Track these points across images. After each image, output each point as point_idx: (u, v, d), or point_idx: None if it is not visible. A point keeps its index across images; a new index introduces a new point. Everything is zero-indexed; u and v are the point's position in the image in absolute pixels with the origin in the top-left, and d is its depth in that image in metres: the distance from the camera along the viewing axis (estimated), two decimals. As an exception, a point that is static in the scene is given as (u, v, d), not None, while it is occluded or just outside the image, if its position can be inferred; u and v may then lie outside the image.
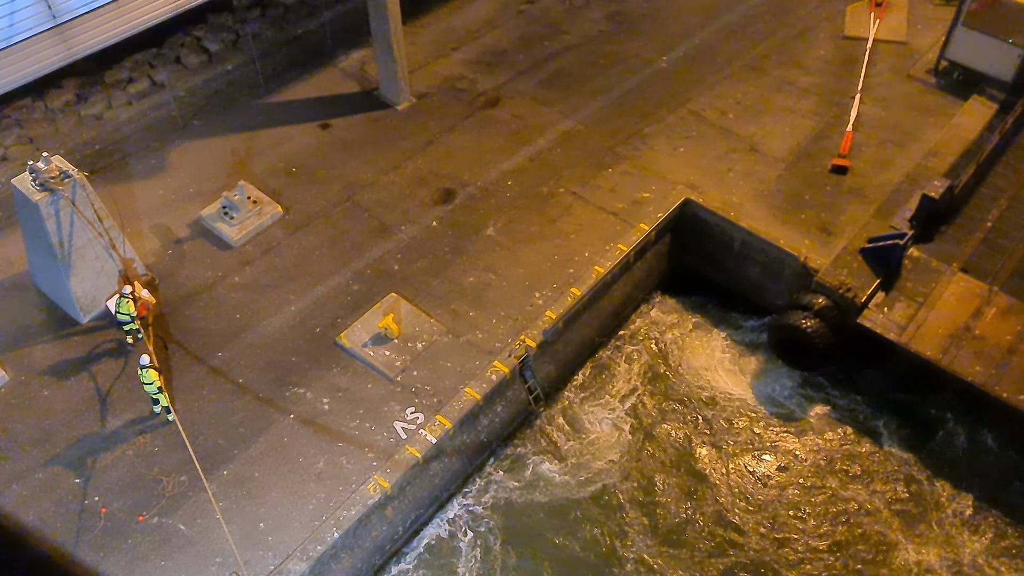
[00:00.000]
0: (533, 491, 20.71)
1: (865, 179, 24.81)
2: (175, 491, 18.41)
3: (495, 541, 19.92)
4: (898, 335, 21.19)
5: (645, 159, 25.53)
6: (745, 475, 21.17)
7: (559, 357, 22.36)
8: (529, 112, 27.15)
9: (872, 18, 30.05)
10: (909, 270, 22.37)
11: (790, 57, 29.09)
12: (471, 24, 30.71)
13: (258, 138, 26.25)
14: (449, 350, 20.98)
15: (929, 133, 26.06)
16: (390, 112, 27.16)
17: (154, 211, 24.00)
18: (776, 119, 26.78)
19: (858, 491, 20.78)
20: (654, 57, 29.23)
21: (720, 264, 24.63)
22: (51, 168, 19.10)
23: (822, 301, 21.81)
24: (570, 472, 21.05)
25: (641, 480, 21.02)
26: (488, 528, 20.10)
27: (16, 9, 18.60)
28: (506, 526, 20.17)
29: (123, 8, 20.24)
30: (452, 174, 25.17)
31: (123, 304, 19.55)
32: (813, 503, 20.64)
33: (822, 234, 23.36)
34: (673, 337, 23.84)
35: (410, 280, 22.41)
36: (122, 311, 19.65)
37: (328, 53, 29.27)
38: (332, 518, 18.04)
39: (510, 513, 20.39)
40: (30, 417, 19.60)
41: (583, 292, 22.07)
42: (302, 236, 23.44)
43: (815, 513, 20.47)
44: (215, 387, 20.17)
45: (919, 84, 27.78)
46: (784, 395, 22.60)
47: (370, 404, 19.98)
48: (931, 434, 21.65)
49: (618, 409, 22.29)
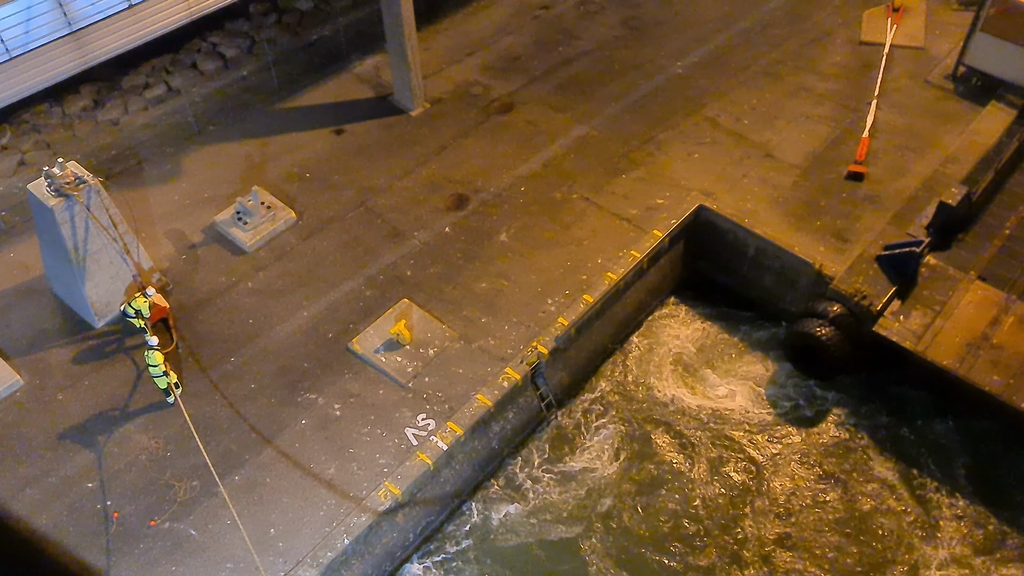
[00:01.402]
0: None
1: (881, 186, 24.60)
2: (187, 496, 18.46)
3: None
4: (914, 344, 20.97)
5: (659, 165, 25.43)
6: (754, 483, 21.02)
7: (572, 364, 22.29)
8: (543, 118, 27.12)
9: (889, 23, 29.81)
10: (925, 278, 22.15)
11: (806, 63, 28.91)
12: (486, 30, 30.72)
13: (272, 143, 26.34)
14: (461, 356, 20.95)
15: (946, 139, 25.82)
16: (404, 118, 27.19)
17: (169, 216, 24.13)
18: (791, 125, 26.61)
19: (872, 503, 20.59)
20: (669, 63, 29.12)
21: (734, 271, 24.48)
22: (66, 174, 19.23)
23: (837, 309, 21.62)
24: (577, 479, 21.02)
25: (640, 491, 20.92)
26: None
27: (32, 16, 18.76)
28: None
29: (138, 15, 20.36)
30: (465, 180, 25.16)
31: (137, 301, 19.40)
32: (827, 516, 20.47)
33: (837, 241, 23.18)
34: (686, 343, 23.70)
35: (423, 286, 22.41)
36: (134, 306, 19.45)
37: (343, 59, 29.36)
38: (343, 524, 18.03)
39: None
40: (44, 421, 19.71)
41: (596, 299, 21.98)
42: (315, 241, 23.49)
43: (830, 524, 20.32)
44: (227, 392, 20.22)
45: (937, 90, 27.54)
46: (798, 404, 22.40)
47: (382, 410, 19.97)
48: (947, 444, 21.41)
49: (627, 414, 22.20)
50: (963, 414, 21.43)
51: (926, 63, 28.52)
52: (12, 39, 18.84)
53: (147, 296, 19.49)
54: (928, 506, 20.43)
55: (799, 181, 24.89)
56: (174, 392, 19.44)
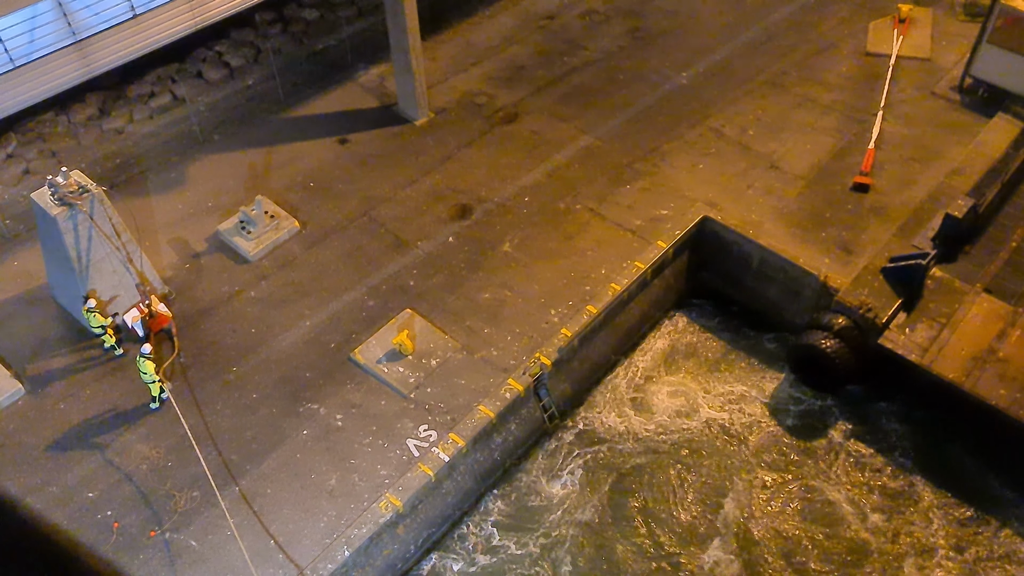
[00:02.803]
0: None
1: (887, 197, 24.48)
2: (187, 507, 18.39)
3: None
4: (920, 356, 20.82)
5: (663, 176, 25.36)
6: (762, 496, 20.87)
7: (574, 375, 22.19)
8: (547, 128, 27.08)
9: (895, 34, 29.73)
10: (931, 290, 22.00)
11: (812, 73, 28.83)
12: (491, 40, 30.72)
13: (277, 152, 26.36)
14: (463, 367, 20.87)
15: (953, 151, 25.69)
16: (408, 127, 27.19)
17: (173, 225, 24.14)
18: (797, 136, 26.52)
19: (878, 518, 20.43)
20: (674, 73, 29.08)
21: (738, 282, 24.36)
22: (70, 183, 19.25)
23: (842, 321, 21.49)
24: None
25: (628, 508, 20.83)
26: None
27: (36, 25, 18.81)
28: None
29: (142, 25, 20.42)
30: (469, 190, 25.13)
31: (97, 317, 20.01)
32: (833, 532, 20.32)
33: (843, 253, 23.06)
34: (689, 355, 23.59)
35: (425, 296, 22.35)
36: (95, 323, 20.11)
37: (348, 68, 29.40)
38: (343, 536, 17.93)
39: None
40: (46, 430, 19.68)
41: (599, 310, 21.89)
42: (318, 251, 23.47)
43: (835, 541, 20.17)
44: (229, 402, 20.18)
45: (943, 101, 27.42)
46: (801, 416, 22.27)
47: (383, 421, 19.89)
48: (953, 457, 21.27)
49: (632, 421, 22.08)
50: (967, 427, 21.27)
51: (932, 74, 28.42)
52: (16, 48, 18.89)
53: (90, 309, 19.78)
54: (930, 521, 20.29)
55: (804, 192, 24.78)
56: (159, 400, 19.74)
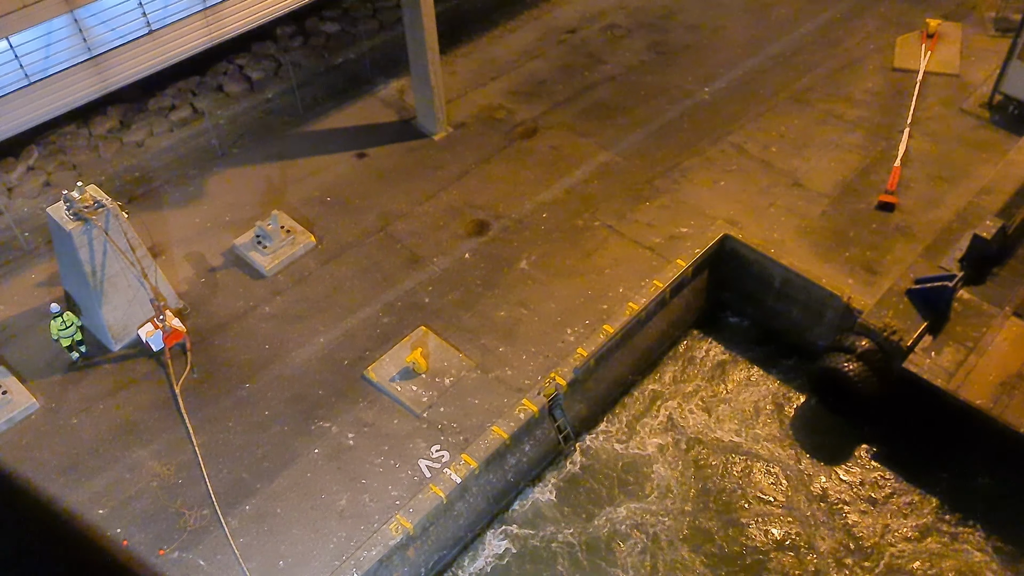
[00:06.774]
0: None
1: (913, 217, 23.95)
2: (197, 525, 18.23)
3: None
4: (946, 382, 20.27)
5: (684, 193, 25.00)
6: (772, 519, 20.40)
7: (591, 396, 21.84)
8: (567, 143, 26.82)
9: (923, 50, 29.19)
10: (958, 313, 21.44)
11: (837, 89, 28.36)
12: (511, 54, 30.54)
13: (294, 166, 26.30)
14: (477, 387, 20.59)
15: (982, 170, 25.10)
16: (427, 142, 27.04)
17: (189, 239, 24.11)
18: (821, 153, 26.06)
19: (907, 546, 19.89)
20: (695, 88, 28.73)
21: (759, 302, 23.92)
22: (85, 197, 19.27)
23: (866, 344, 20.97)
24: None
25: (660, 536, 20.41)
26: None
27: (52, 41, 18.84)
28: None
29: (158, 40, 20.40)
30: (487, 205, 24.90)
31: (52, 327, 20.26)
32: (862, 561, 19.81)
33: (867, 273, 22.57)
34: (708, 375, 23.17)
35: (440, 313, 22.11)
36: (62, 333, 20.39)
37: (367, 82, 29.33)
38: (352, 558, 17.68)
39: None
40: (58, 445, 19.64)
41: (616, 329, 21.55)
42: (334, 266, 23.32)
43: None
44: (241, 419, 20.03)
45: (972, 118, 26.84)
46: (823, 440, 21.78)
47: (395, 440, 19.66)
48: (982, 487, 20.71)
49: (649, 447, 21.70)
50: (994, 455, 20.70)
51: (961, 90, 27.85)
52: (31, 64, 18.94)
53: (54, 313, 20.02)
54: (961, 548, 19.72)
55: (828, 211, 24.31)
56: (78, 350, 20.80)
